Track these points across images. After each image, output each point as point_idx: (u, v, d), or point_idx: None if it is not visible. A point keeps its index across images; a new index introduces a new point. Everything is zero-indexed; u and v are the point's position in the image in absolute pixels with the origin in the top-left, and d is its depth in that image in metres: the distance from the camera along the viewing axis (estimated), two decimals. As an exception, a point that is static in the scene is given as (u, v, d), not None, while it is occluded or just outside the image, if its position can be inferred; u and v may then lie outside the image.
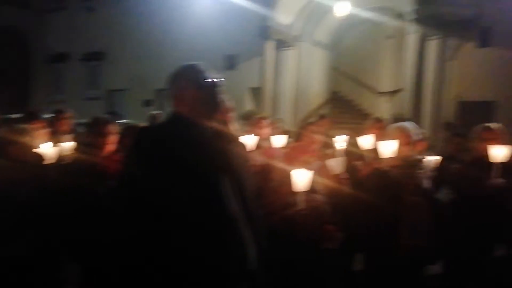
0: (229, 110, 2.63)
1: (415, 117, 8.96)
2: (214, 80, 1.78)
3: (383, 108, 11.76)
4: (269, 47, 10.43)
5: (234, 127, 2.71)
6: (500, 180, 2.93)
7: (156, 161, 1.61)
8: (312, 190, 2.65)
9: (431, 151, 4.83)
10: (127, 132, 3.14)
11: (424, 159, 3.06)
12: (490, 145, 2.97)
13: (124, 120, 5.86)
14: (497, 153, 2.90)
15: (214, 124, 1.79)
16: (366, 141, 3.45)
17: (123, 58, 13.17)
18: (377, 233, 2.77)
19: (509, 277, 3.39)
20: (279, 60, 10.89)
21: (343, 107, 12.30)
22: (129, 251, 1.62)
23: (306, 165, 2.53)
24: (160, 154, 1.62)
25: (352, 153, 3.60)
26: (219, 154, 1.69)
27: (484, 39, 8.29)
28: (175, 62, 1.90)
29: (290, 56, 11.04)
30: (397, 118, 9.20)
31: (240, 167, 1.76)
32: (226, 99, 1.87)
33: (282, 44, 10.83)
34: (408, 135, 2.85)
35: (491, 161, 2.92)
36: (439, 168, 3.91)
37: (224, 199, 1.67)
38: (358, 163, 3.55)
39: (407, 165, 2.79)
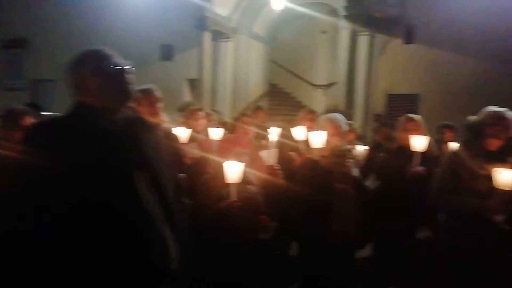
0: (157, 101, 2.54)
1: (348, 108, 9.36)
2: (122, 66, 1.62)
3: (319, 100, 12.17)
4: (207, 38, 10.28)
5: (162, 118, 2.63)
6: (419, 168, 3.14)
7: (59, 158, 1.40)
8: (245, 182, 2.66)
9: (362, 141, 5.09)
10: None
11: (353, 149, 3.20)
12: (411, 135, 3.18)
13: (50, 113, 5.46)
14: (418, 142, 3.11)
15: (127, 114, 1.64)
16: (299, 132, 3.53)
17: (48, 46, 12.22)
18: (310, 221, 2.85)
19: (430, 259, 3.66)
20: (217, 52, 10.79)
21: (281, 99, 12.52)
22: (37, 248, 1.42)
23: (239, 156, 2.52)
24: (62, 150, 1.42)
25: (287, 144, 3.67)
26: (131, 148, 1.55)
27: (409, 36, 8.88)
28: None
29: (228, 48, 10.97)
30: (332, 110, 9.58)
31: (157, 161, 1.64)
32: (134, 87, 1.67)
33: (219, 36, 10.73)
34: (337, 126, 2.95)
35: (412, 150, 3.13)
36: (368, 157, 4.13)
37: (138, 196, 1.53)
38: (292, 153, 3.64)
39: (336, 155, 2.89)
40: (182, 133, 3.28)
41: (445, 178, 2.70)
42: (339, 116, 3.06)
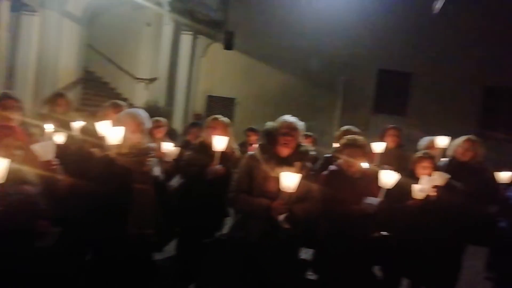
0: None
1: (169, 106, 9.27)
2: None
3: (141, 94, 11.66)
4: (3, 7, 8.57)
5: None
6: (218, 167, 3.24)
7: None
8: (19, 181, 2.21)
9: (178, 139, 5.04)
10: None
11: (156, 147, 3.06)
12: (214, 135, 3.24)
13: None
14: (218, 142, 3.19)
15: None
16: (103, 127, 3.21)
17: None
18: (106, 222, 2.58)
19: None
20: (18, 26, 9.13)
21: (97, 89, 11.49)
22: None
23: (8, 150, 2.06)
24: None
25: (88, 139, 3.31)
26: None
27: (229, 42, 9.37)
28: None
29: (32, 22, 9.40)
30: (152, 106, 9.30)
31: None
32: None
33: (22, 7, 9.10)
34: (139, 122, 2.76)
35: (213, 149, 3.20)
36: (178, 156, 4.07)
37: None
38: (94, 149, 3.27)
39: (136, 153, 2.70)
40: None
41: (241, 179, 2.84)
42: (141, 112, 2.87)
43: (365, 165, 3.73)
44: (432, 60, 9.46)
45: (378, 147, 4.07)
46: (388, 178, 2.93)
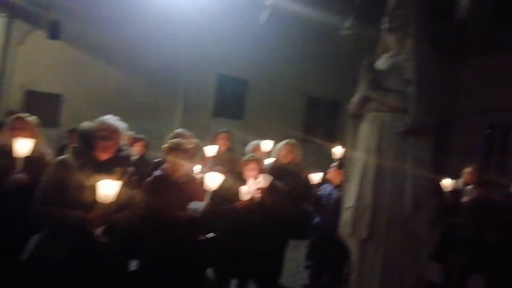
0: None
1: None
2: None
3: None
4: None
5: None
6: (21, 175, 2.73)
7: None
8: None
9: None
10: None
11: None
12: (15, 138, 2.71)
13: None
14: (21, 146, 2.69)
15: None
16: None
17: None
18: None
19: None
20: None
21: None
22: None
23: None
24: None
25: None
26: None
27: (54, 31, 8.20)
28: None
29: None
30: None
31: None
32: None
33: None
34: None
35: (15, 155, 2.67)
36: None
37: None
38: None
39: None
40: None
41: (48, 188, 2.43)
42: None
43: (197, 168, 3.70)
44: (266, 70, 10.21)
45: (210, 150, 4.10)
46: (213, 180, 2.93)
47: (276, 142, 4.25)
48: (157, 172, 3.04)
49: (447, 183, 4.39)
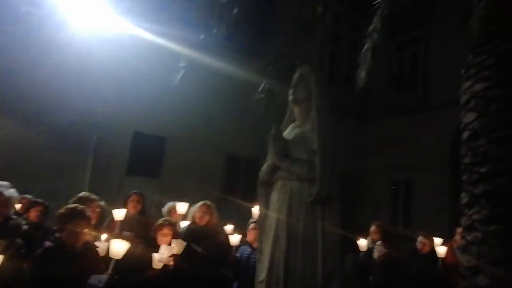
0: None
1: None
2: None
3: None
4: None
5: None
6: None
7: None
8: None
9: None
10: None
11: None
12: None
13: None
14: None
15: None
16: None
17: None
18: None
19: None
20: None
21: None
22: None
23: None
24: None
25: None
26: None
27: None
28: None
29: None
30: None
31: None
32: None
33: None
34: None
35: None
36: None
37: None
38: None
39: None
40: None
41: None
42: None
43: (103, 236, 3.36)
44: (185, 128, 10.09)
45: (119, 214, 3.76)
46: (118, 248, 2.62)
47: (195, 202, 4.07)
48: (48, 243, 2.64)
49: (362, 243, 4.52)
